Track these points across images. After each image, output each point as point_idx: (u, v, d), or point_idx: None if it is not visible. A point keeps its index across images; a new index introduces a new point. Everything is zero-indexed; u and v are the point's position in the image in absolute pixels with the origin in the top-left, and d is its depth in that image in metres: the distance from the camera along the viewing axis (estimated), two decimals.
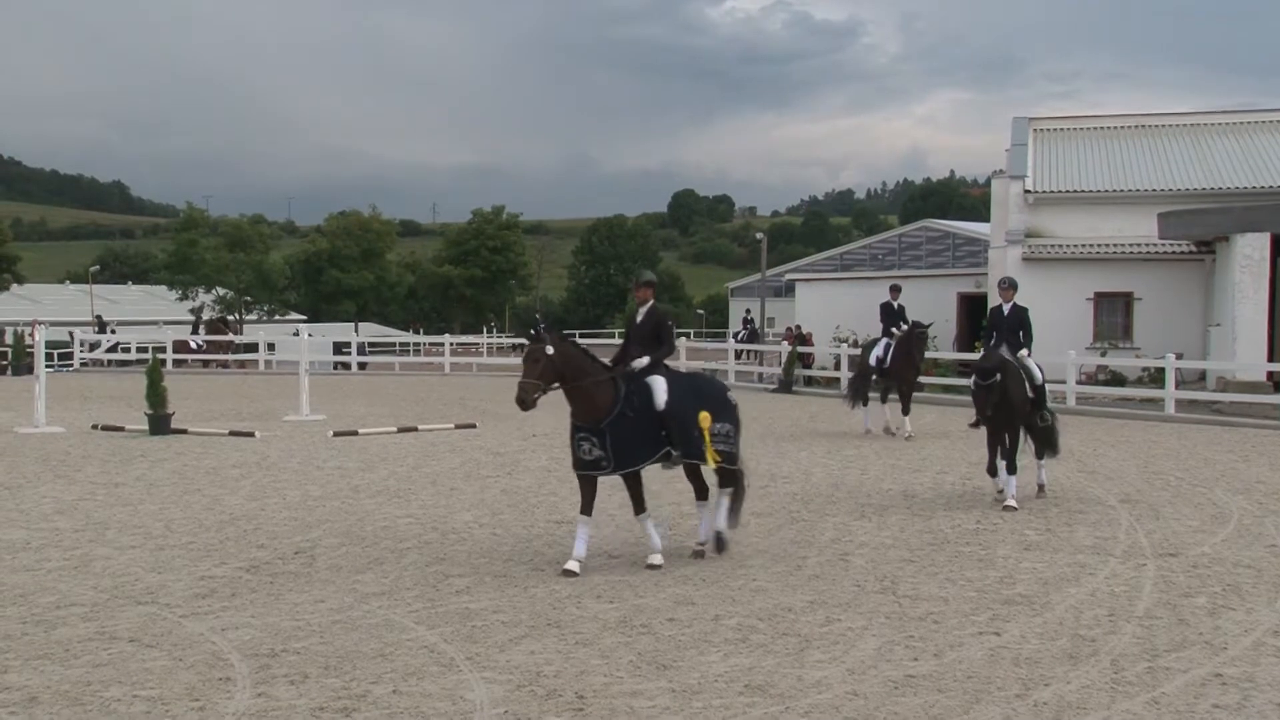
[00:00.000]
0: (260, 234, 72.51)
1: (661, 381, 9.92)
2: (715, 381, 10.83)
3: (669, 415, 9.78)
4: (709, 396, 10.21)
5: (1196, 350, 31.16)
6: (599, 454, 9.66)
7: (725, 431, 10.08)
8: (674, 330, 10.49)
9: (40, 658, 7.38)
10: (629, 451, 9.70)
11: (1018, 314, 13.82)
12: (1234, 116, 39.62)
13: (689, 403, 9.93)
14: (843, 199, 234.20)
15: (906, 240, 52.11)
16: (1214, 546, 10.98)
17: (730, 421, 10.19)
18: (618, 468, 9.72)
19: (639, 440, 9.74)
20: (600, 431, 9.61)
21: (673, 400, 9.83)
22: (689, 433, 9.84)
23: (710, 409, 10.00)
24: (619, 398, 9.70)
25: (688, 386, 10.24)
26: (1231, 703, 6.56)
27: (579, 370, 9.72)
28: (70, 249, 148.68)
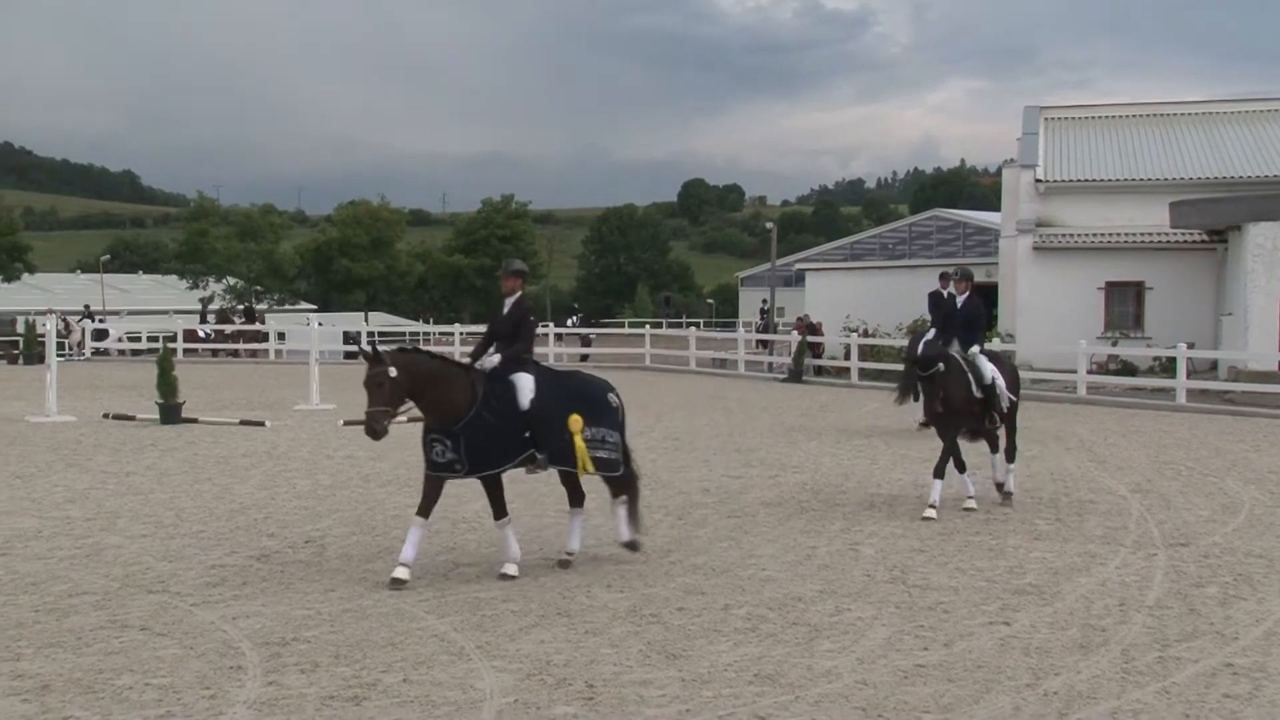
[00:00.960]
0: (270, 223, 72.55)
1: (527, 381, 9.28)
2: (596, 382, 9.99)
3: (534, 416, 9.15)
4: (584, 398, 9.55)
5: (1208, 340, 31.07)
6: (452, 457, 9.01)
7: (601, 436, 9.44)
8: (536, 325, 9.82)
9: (52, 646, 7.41)
10: (485, 454, 9.04)
11: (973, 307, 12.95)
12: (1246, 105, 39.44)
13: (560, 404, 9.31)
14: (853, 188, 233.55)
15: (917, 230, 51.98)
16: (1225, 536, 10.96)
17: (610, 425, 9.56)
18: (472, 471, 9.10)
19: (497, 443, 9.09)
20: (453, 434, 8.96)
21: (540, 401, 9.21)
22: (556, 436, 9.23)
23: (584, 411, 9.39)
24: (475, 399, 9.04)
25: (561, 386, 9.59)
26: (1242, 692, 6.55)
27: (430, 381, 9.02)
28: (81, 238, 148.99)
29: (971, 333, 12.78)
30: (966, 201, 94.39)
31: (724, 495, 13.26)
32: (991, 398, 12.48)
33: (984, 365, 12.55)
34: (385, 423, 8.93)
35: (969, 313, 12.89)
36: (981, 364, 12.54)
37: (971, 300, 12.95)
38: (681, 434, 19.34)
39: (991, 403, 12.49)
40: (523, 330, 9.53)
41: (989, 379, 12.47)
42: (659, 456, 16.47)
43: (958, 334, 12.77)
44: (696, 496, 13.16)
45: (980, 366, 12.51)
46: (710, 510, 12.30)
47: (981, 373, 12.47)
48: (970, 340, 12.70)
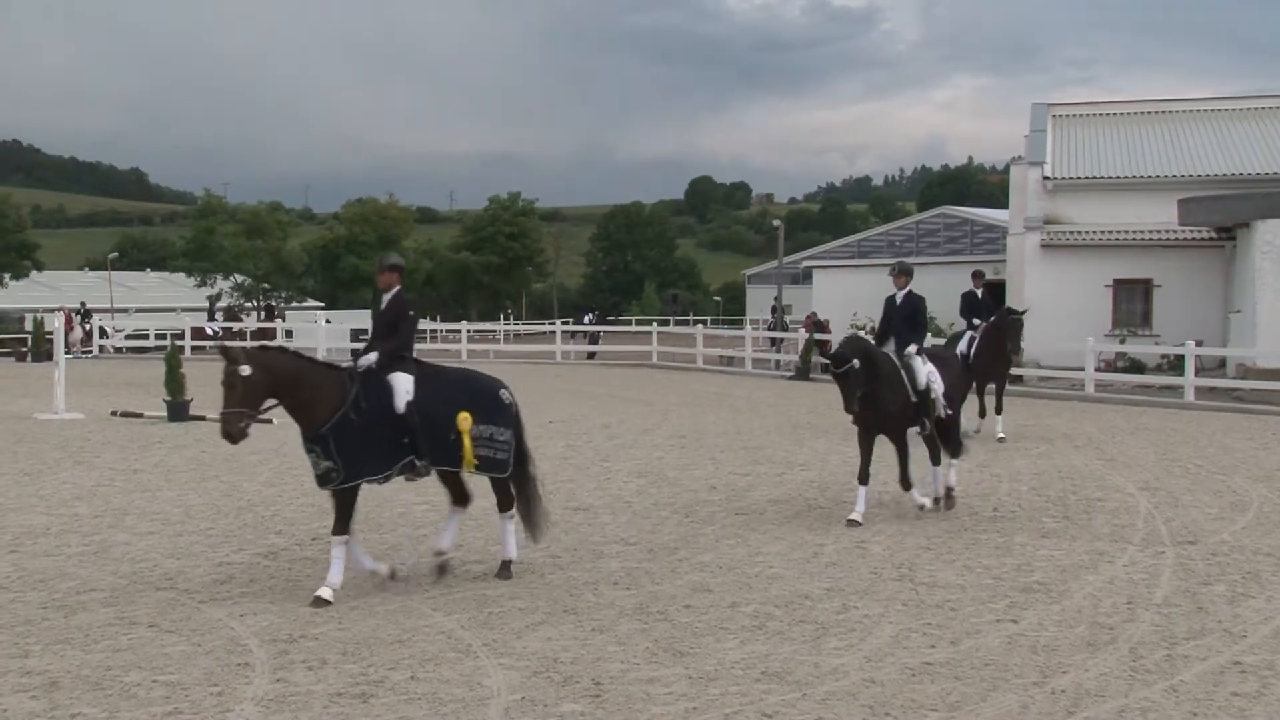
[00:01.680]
0: (278, 221, 72.61)
1: (405, 381, 8.78)
2: (485, 379, 9.46)
3: (411, 419, 8.66)
4: (472, 395, 9.04)
5: (1216, 337, 30.98)
6: (327, 465, 8.50)
7: (490, 434, 8.92)
8: (415, 322, 9.35)
9: (60, 643, 7.43)
10: (358, 459, 8.54)
11: (911, 303, 12.10)
12: (1255, 101, 39.30)
13: (445, 403, 8.81)
14: (860, 186, 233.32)
15: (924, 227, 51.91)
16: (1233, 534, 10.94)
17: (503, 424, 9.03)
18: (348, 478, 8.54)
19: (370, 447, 8.59)
20: (321, 438, 8.46)
21: (420, 401, 8.73)
22: (440, 437, 8.74)
23: (473, 408, 8.87)
24: (345, 400, 8.54)
25: (446, 385, 9.08)
26: (1250, 690, 6.53)
27: (292, 382, 8.53)
28: (89, 236, 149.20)
29: (910, 331, 11.96)
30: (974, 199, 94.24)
31: (731, 493, 13.25)
32: (925, 403, 11.70)
33: (919, 368, 11.73)
34: (241, 424, 8.39)
35: (908, 310, 12.05)
36: (917, 366, 11.73)
37: (911, 297, 12.14)
38: (688, 431, 19.34)
39: (924, 408, 11.72)
40: (401, 327, 9.03)
41: (923, 383, 11.68)
42: (666, 454, 16.47)
43: (895, 333, 12.03)
44: (703, 494, 13.15)
45: (915, 369, 11.70)
46: (717, 508, 12.29)
47: (916, 375, 11.67)
48: (908, 339, 11.88)
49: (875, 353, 11.56)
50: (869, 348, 11.57)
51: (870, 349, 11.56)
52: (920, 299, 12.18)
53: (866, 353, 11.37)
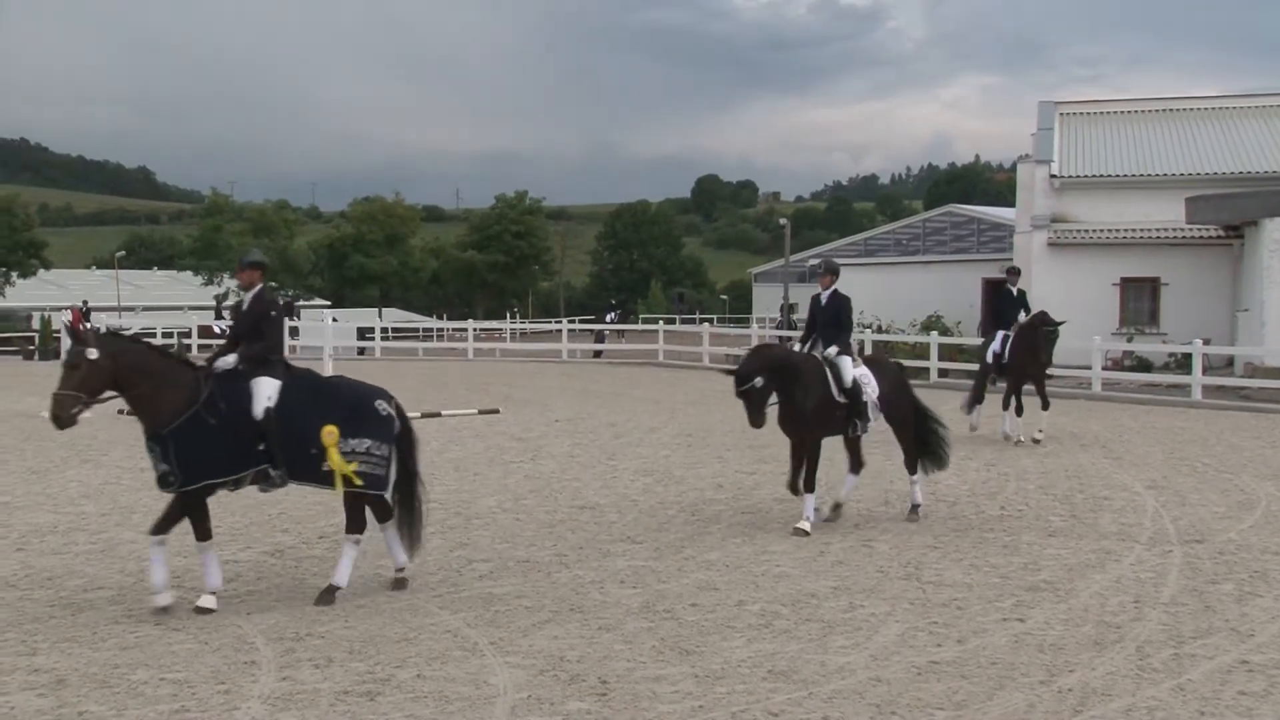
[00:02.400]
0: (285, 219, 72.85)
1: (268, 385, 8.31)
2: (362, 389, 8.80)
3: (270, 425, 8.18)
4: (344, 406, 8.46)
5: (1224, 336, 30.92)
6: (164, 467, 8.03)
7: (365, 449, 8.36)
8: (282, 323, 8.77)
9: (68, 640, 7.45)
10: (200, 464, 8.04)
11: (836, 303, 11.64)
12: (1262, 100, 39.21)
13: (311, 412, 8.29)
14: (867, 184, 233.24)
15: (931, 225, 51.88)
16: (1241, 533, 10.91)
17: (377, 437, 8.44)
18: (185, 482, 8.05)
19: (216, 452, 8.07)
20: (162, 439, 7.98)
21: (284, 409, 8.24)
22: (299, 449, 8.21)
23: (342, 420, 8.32)
24: (195, 400, 8.07)
25: (316, 393, 8.54)
26: (1258, 689, 6.52)
27: (140, 374, 8.07)
28: (96, 234, 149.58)
29: (834, 331, 11.49)
30: (981, 197, 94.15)
31: (737, 491, 13.25)
32: (856, 404, 11.21)
33: (845, 367, 11.25)
34: (73, 410, 7.93)
35: (833, 309, 11.61)
36: (843, 365, 11.26)
37: (836, 296, 11.68)
38: (695, 430, 19.33)
39: (856, 409, 11.23)
40: (265, 327, 8.52)
41: (849, 382, 11.19)
42: (672, 453, 16.47)
43: (820, 333, 11.56)
44: (710, 493, 13.15)
45: (841, 368, 11.23)
46: (724, 506, 12.29)
47: (842, 375, 11.20)
48: (832, 339, 11.42)
49: (791, 361, 11.05)
50: (780, 358, 11.03)
51: (782, 360, 10.99)
52: (846, 299, 11.74)
53: (777, 364, 10.83)
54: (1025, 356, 17.74)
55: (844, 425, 11.30)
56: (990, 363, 18.41)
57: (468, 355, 44.24)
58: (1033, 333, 17.74)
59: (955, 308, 37.00)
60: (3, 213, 64.70)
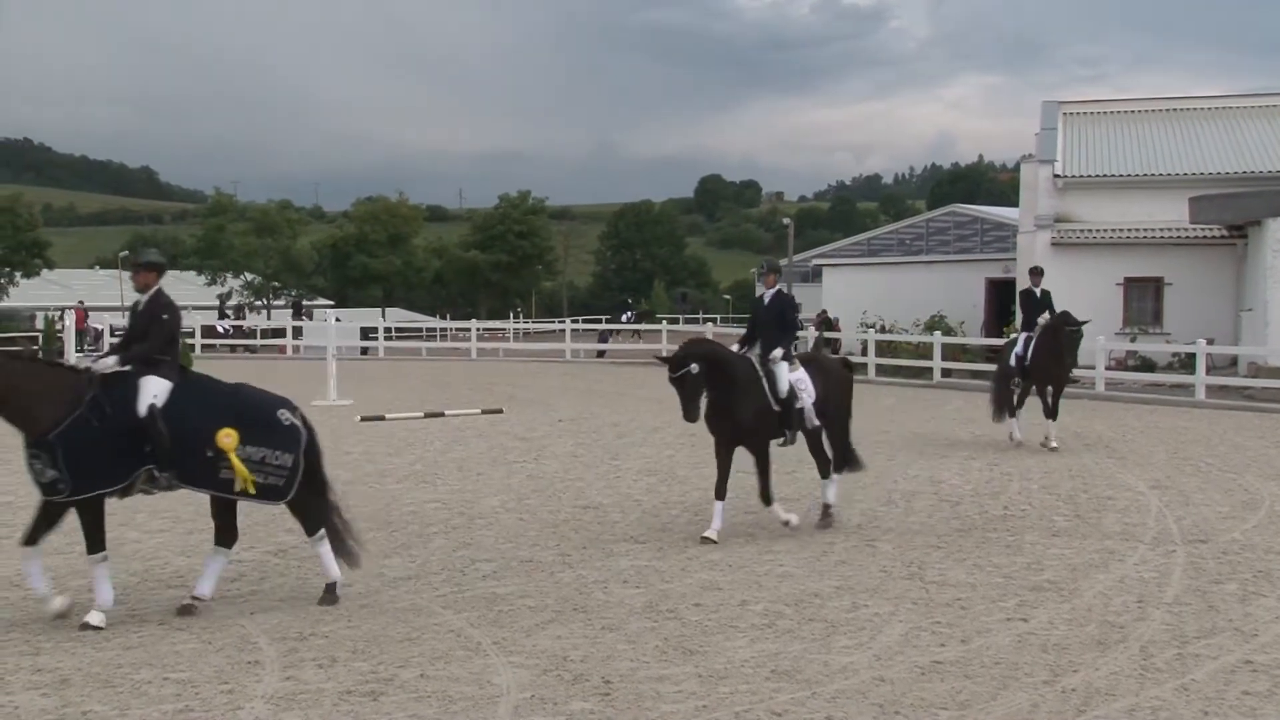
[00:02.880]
0: (288, 219, 72.75)
1: (154, 384, 8.02)
2: (264, 397, 8.54)
3: (152, 425, 7.87)
4: (241, 413, 8.16)
5: (1227, 335, 30.88)
6: (53, 475, 7.69)
7: (261, 457, 8.08)
8: (172, 324, 8.38)
9: (71, 640, 7.46)
10: (90, 470, 7.75)
11: (780, 304, 11.17)
12: (1266, 99, 39.14)
13: (203, 416, 8.01)
14: (870, 184, 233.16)
15: (934, 225, 51.79)
16: (1244, 533, 10.90)
17: (278, 446, 8.19)
18: (77, 489, 7.74)
19: (105, 456, 7.79)
20: (49, 445, 7.66)
21: (172, 410, 7.95)
22: (191, 451, 7.94)
23: (241, 426, 8.03)
24: (79, 404, 7.77)
25: (212, 397, 8.26)
26: (1262, 690, 6.51)
27: (14, 389, 7.75)
28: (99, 234, 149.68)
29: (778, 334, 10.98)
30: (984, 197, 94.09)
31: (741, 491, 13.21)
32: (789, 412, 10.78)
33: (781, 374, 10.78)
34: None
35: (775, 312, 11.10)
36: (779, 372, 10.78)
37: (779, 298, 11.21)
38: (698, 429, 19.27)
39: (789, 418, 10.81)
40: (154, 330, 8.23)
41: (784, 391, 10.73)
42: (675, 452, 16.47)
43: (761, 335, 11.07)
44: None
45: (777, 375, 10.77)
46: (726, 505, 12.26)
47: (777, 382, 10.74)
48: (774, 341, 10.91)
49: (725, 357, 10.64)
50: (717, 352, 10.67)
51: (718, 353, 10.64)
52: (789, 299, 11.41)
53: (712, 357, 10.48)
54: (1048, 359, 16.99)
55: (777, 432, 10.89)
56: (1013, 366, 17.52)
57: (471, 355, 44.27)
58: (1055, 335, 16.97)
59: (958, 308, 36.99)
60: (6, 213, 64.70)
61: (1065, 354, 16.94)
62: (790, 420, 10.84)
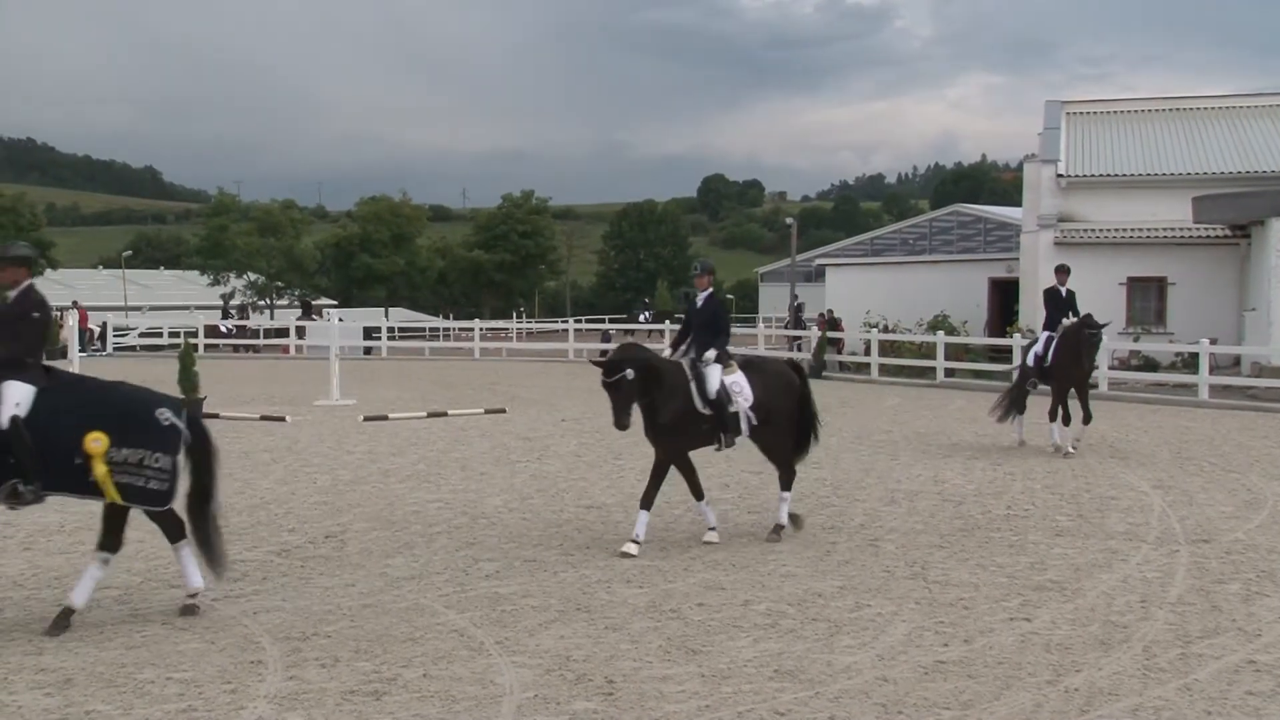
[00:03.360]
0: (291, 219, 72.76)
1: (17, 391, 7.55)
2: (141, 395, 8.09)
3: (16, 435, 7.42)
4: (114, 413, 7.72)
5: (1231, 335, 30.85)
6: None
7: (139, 459, 7.67)
8: (42, 323, 7.92)
9: (75, 640, 7.46)
10: None
11: (712, 306, 10.75)
12: (1270, 99, 39.10)
13: (72, 419, 7.56)
14: (873, 184, 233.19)
15: (938, 225, 51.82)
16: (1248, 533, 10.89)
17: (157, 448, 7.75)
18: None
19: None
20: None
21: (37, 416, 7.51)
22: (59, 459, 7.52)
23: (113, 428, 7.60)
24: None
25: (82, 398, 7.80)
26: (1265, 689, 6.51)
27: None
28: (103, 234, 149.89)
29: (709, 336, 10.55)
30: (987, 197, 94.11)
31: (744, 491, 13.25)
32: (722, 415, 10.33)
33: (711, 376, 10.35)
34: None
35: (707, 313, 10.67)
36: (709, 375, 10.36)
37: (713, 299, 10.78)
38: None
39: (722, 420, 10.35)
40: (21, 330, 7.75)
41: (713, 393, 10.29)
42: None
43: (694, 337, 10.63)
44: (716, 492, 13.14)
45: (707, 377, 10.34)
46: (730, 506, 12.29)
47: (707, 385, 10.31)
48: (705, 344, 10.49)
49: (657, 361, 10.25)
50: (650, 357, 10.23)
51: (651, 358, 10.21)
52: (720, 302, 10.92)
53: (645, 362, 10.05)
54: (1067, 360, 16.62)
55: (710, 437, 10.46)
56: (1031, 365, 17.21)
57: (474, 355, 44.27)
58: (1076, 336, 16.61)
59: (962, 307, 36.97)
60: (9, 212, 64.80)
61: (1084, 357, 16.69)
62: (725, 424, 10.38)
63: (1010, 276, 37.61)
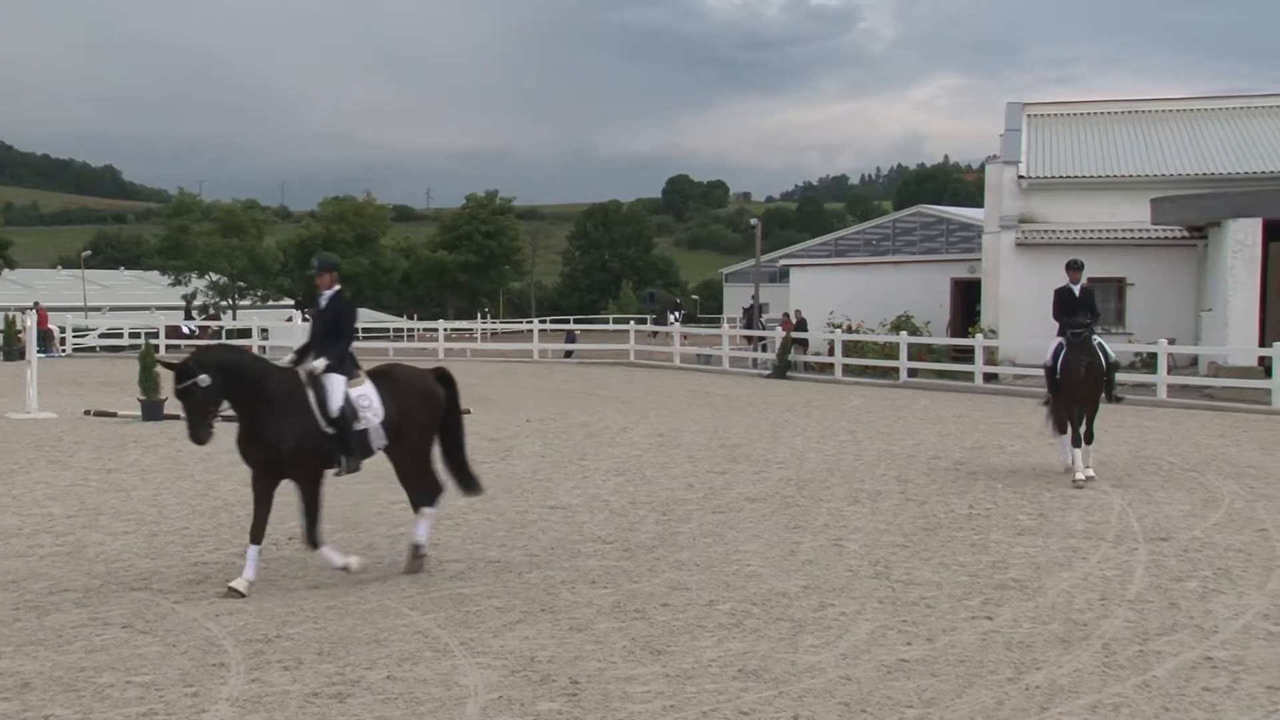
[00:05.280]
0: (253, 219, 72.36)
1: None
2: None
3: None
4: None
5: (1188, 335, 31.21)
6: None
7: None
8: None
9: (33, 644, 7.38)
10: None
11: (334, 308, 9.47)
12: (1226, 102, 39.58)
13: None
14: (837, 184, 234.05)
15: (901, 226, 52.12)
16: (1205, 531, 11.02)
17: None
18: None
19: None
20: None
21: None
22: None
23: None
24: None
25: None
26: (1221, 686, 6.59)
27: None
28: (62, 234, 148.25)
29: (328, 342, 9.22)
30: (950, 198, 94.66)
31: (708, 491, 13.27)
32: (346, 434, 9.00)
33: (334, 388, 9.00)
34: None
35: (329, 316, 9.39)
36: (331, 386, 9.00)
37: (337, 300, 9.49)
38: (666, 430, 19.35)
39: (346, 441, 9.02)
40: None
41: (336, 408, 8.93)
42: (643, 453, 16.48)
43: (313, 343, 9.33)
44: (681, 492, 13.17)
45: (328, 389, 8.99)
46: (695, 506, 12.31)
47: (328, 398, 8.95)
48: (323, 352, 9.16)
49: (248, 368, 8.94)
50: (238, 361, 8.98)
51: (240, 363, 8.95)
52: (347, 303, 9.62)
53: (231, 367, 8.77)
54: (1080, 373, 14.13)
55: (330, 459, 9.07)
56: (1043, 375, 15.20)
57: (439, 355, 44.10)
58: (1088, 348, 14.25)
59: (925, 308, 37.18)
60: None
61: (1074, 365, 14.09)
62: (349, 445, 9.03)
63: (973, 277, 37.86)
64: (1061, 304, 14.76)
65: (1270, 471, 14.86)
